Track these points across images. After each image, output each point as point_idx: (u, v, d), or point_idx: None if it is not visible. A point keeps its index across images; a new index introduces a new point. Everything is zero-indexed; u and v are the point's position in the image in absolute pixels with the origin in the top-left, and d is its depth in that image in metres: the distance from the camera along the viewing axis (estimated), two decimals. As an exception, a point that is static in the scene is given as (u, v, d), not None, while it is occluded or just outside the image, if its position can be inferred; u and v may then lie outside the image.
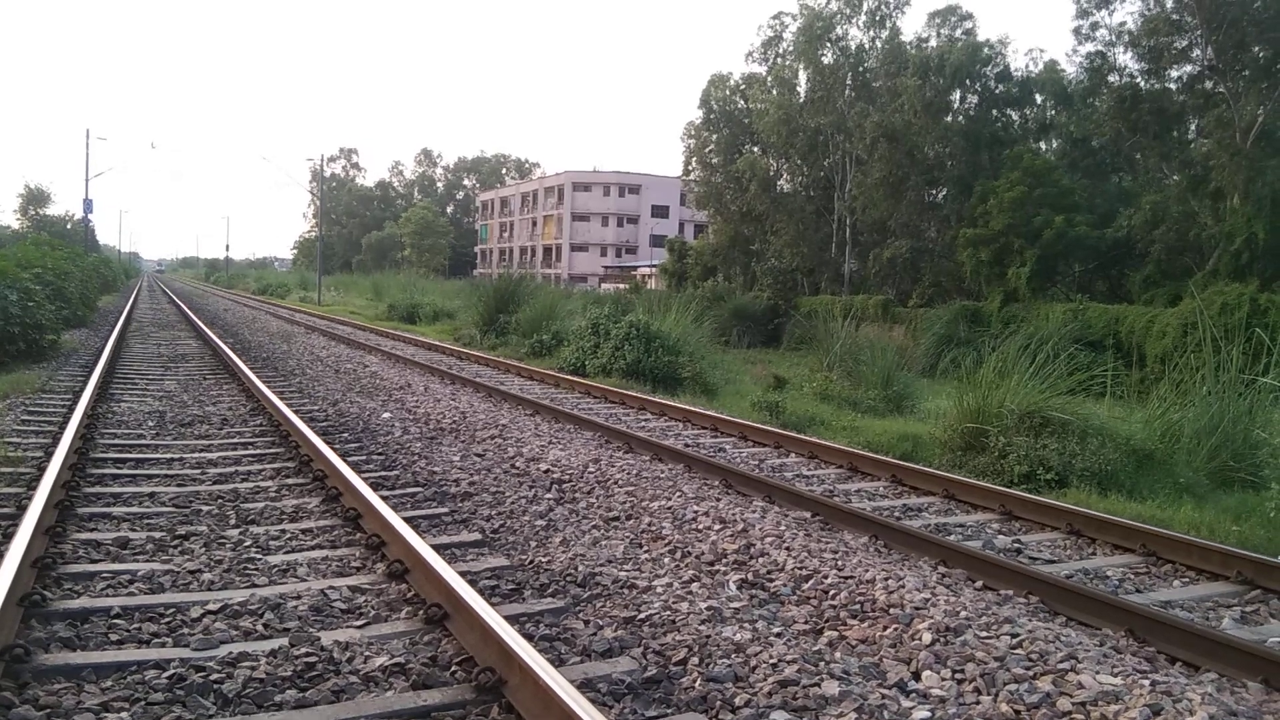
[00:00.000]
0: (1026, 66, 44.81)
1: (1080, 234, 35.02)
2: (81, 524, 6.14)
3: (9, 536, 5.29)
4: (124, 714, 3.59)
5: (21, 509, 6.03)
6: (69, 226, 73.69)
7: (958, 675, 4.11)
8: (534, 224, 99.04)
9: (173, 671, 3.93)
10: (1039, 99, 44.64)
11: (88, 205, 48.74)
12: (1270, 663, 4.35)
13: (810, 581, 5.23)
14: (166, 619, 4.55)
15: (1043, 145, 44.45)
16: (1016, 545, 6.62)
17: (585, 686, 3.88)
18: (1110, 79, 38.23)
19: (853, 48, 49.50)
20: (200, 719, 3.61)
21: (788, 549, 5.75)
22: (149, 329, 24.85)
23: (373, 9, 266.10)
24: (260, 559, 5.52)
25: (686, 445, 9.86)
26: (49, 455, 7.58)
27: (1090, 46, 38.75)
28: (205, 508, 6.67)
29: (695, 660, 4.22)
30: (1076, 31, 38.79)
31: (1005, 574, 5.65)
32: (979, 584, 5.61)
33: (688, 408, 12.19)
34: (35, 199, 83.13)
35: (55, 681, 3.85)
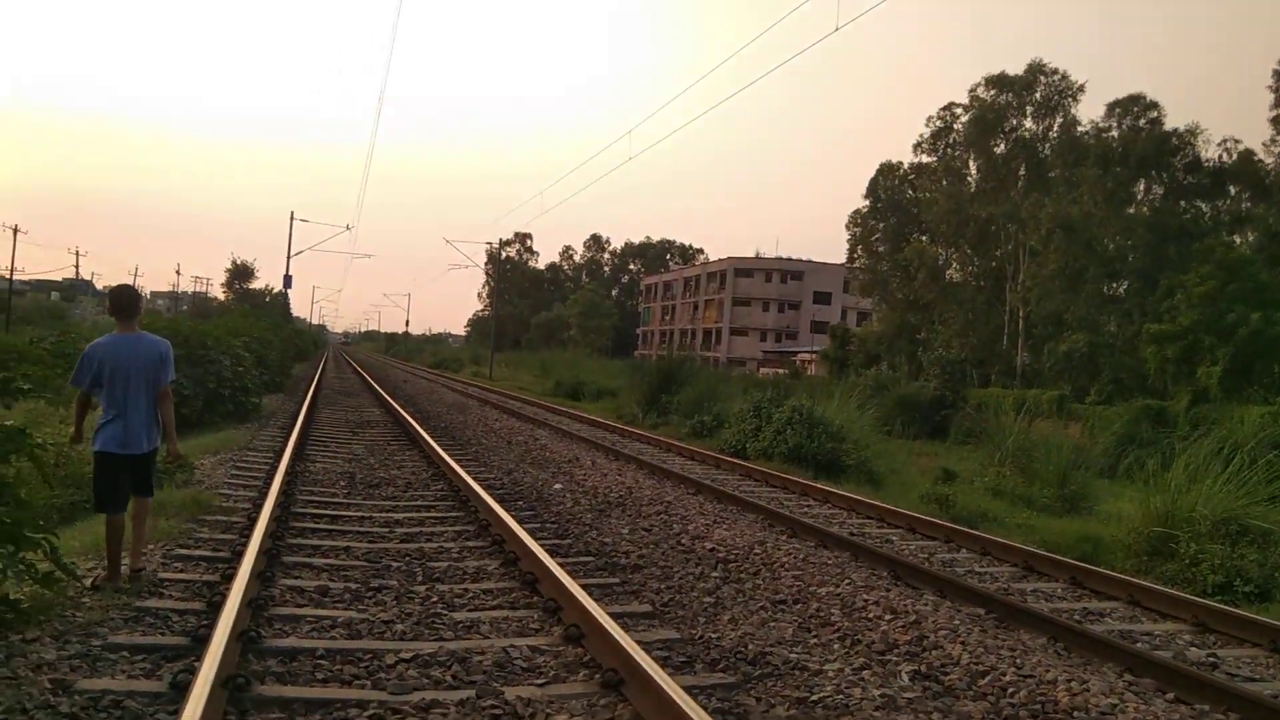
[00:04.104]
0: (1219, 157, 42.82)
1: (1280, 333, 32.69)
2: (287, 571, 6.66)
3: (228, 578, 5.82)
4: (332, 746, 3.89)
5: (236, 554, 6.60)
6: (268, 300, 80.00)
7: (1150, 786, 3.92)
8: (695, 308, 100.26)
9: (372, 712, 4.23)
10: (1232, 190, 42.42)
11: (287, 281, 52.76)
12: None
13: (987, 678, 5.10)
14: (365, 663, 4.89)
15: (1236, 238, 42.01)
16: (1212, 659, 6.23)
17: (759, 761, 3.92)
18: (1314, 169, 35.98)
19: (1025, 137, 48.62)
20: (398, 758, 3.87)
21: (962, 643, 5.63)
22: (336, 396, 26.53)
23: (545, 109, 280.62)
24: (446, 614, 5.84)
25: (852, 534, 9.75)
26: (257, 507, 8.27)
27: (1291, 136, 36.71)
28: (394, 564, 7.11)
29: (869, 746, 4.20)
30: (1275, 121, 36.83)
31: (1201, 688, 5.32)
32: (1170, 696, 5.31)
33: (852, 495, 12.04)
34: (240, 274, 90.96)
35: (271, 711, 4.22)
